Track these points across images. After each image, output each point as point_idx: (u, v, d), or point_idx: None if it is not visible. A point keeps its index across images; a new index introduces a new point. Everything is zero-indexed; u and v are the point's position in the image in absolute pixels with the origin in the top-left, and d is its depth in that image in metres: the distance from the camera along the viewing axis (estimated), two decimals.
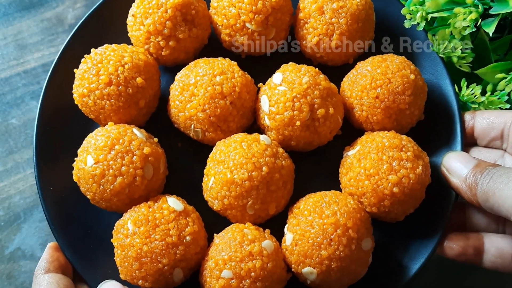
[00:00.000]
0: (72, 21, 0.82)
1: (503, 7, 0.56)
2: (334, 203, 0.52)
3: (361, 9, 0.58)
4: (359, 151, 0.54)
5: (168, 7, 0.57)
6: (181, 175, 0.59)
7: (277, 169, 0.53)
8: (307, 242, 0.50)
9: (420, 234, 0.56)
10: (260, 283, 0.49)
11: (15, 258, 0.68)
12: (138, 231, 0.51)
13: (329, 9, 0.57)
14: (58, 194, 0.57)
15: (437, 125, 0.59)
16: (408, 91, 0.55)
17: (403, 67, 0.56)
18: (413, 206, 0.54)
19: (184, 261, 0.51)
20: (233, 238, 0.51)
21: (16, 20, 0.82)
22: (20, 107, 0.76)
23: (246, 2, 0.57)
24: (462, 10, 0.55)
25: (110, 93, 0.55)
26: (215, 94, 0.54)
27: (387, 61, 0.56)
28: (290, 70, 0.56)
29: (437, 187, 0.56)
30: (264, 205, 0.53)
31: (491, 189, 0.48)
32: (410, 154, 0.53)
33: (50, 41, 0.80)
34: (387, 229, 0.56)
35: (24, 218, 0.70)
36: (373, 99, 0.55)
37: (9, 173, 0.73)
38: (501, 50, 0.62)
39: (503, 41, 0.61)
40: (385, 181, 0.52)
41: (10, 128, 0.75)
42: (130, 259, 0.51)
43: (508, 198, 0.47)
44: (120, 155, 0.52)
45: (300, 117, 0.54)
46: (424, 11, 0.57)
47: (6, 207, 0.71)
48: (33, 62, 0.79)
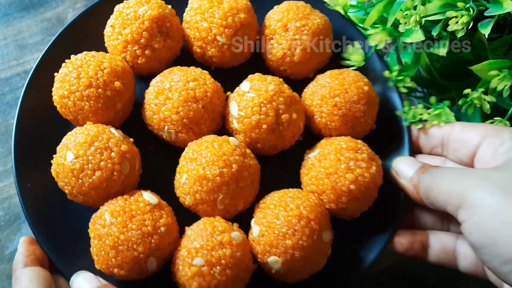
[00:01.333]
0: None
1: (497, 9, 0.56)
2: (298, 198, 0.57)
3: (321, 28, 0.64)
4: (319, 153, 0.60)
5: (145, 19, 0.62)
6: (153, 175, 0.63)
7: (246, 167, 0.57)
8: (273, 232, 0.55)
9: (373, 231, 0.61)
10: (229, 270, 0.53)
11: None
12: (116, 221, 0.54)
13: (293, 27, 0.64)
14: (36, 190, 0.60)
15: (387, 134, 0.65)
16: (363, 100, 0.61)
17: (357, 79, 0.62)
18: (367, 204, 0.60)
19: (159, 251, 0.55)
20: (205, 229, 0.55)
21: (16, 20, 0.84)
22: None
23: (217, 17, 0.63)
24: (454, 13, 0.57)
25: (90, 94, 0.59)
26: (189, 98, 0.59)
27: (343, 74, 0.63)
28: (257, 79, 0.62)
29: (388, 188, 0.62)
30: (233, 200, 0.57)
31: (430, 186, 0.55)
32: (365, 155, 0.59)
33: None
34: (344, 226, 0.62)
35: (24, 218, 0.69)
36: (332, 107, 0.61)
37: (9, 173, 0.74)
38: (501, 50, 0.63)
39: (503, 41, 0.63)
40: (343, 179, 0.57)
41: (10, 128, 0.76)
42: (107, 248, 0.54)
43: (442, 192, 0.53)
44: (99, 151, 0.56)
45: (267, 121, 0.59)
46: (418, 15, 0.59)
47: (6, 207, 0.72)
48: (33, 62, 0.75)
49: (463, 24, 0.56)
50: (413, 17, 0.58)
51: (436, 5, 0.59)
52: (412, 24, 0.59)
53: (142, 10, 0.62)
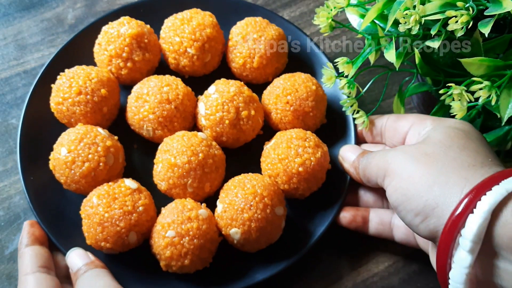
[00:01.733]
0: (72, 21, 0.86)
1: (497, 8, 0.56)
2: (254, 180, 0.67)
3: (275, 38, 0.76)
4: (274, 143, 0.71)
5: (126, 37, 0.73)
6: (136, 168, 0.74)
7: (211, 156, 0.68)
8: (233, 208, 0.65)
9: (323, 208, 0.71)
10: (196, 240, 0.64)
11: (15, 258, 0.71)
12: (101, 203, 0.65)
13: (251, 38, 0.75)
14: (37, 182, 0.71)
15: (336, 127, 0.76)
16: (311, 98, 0.72)
17: (307, 80, 0.73)
18: (316, 185, 0.70)
19: (138, 226, 0.65)
20: (176, 208, 0.66)
21: (16, 20, 0.85)
22: (20, 107, 0.79)
23: (187, 32, 0.74)
24: (453, 13, 0.57)
25: (80, 100, 0.70)
26: (163, 100, 0.70)
27: (295, 77, 0.74)
28: (221, 83, 0.73)
29: (336, 172, 0.72)
30: (201, 184, 0.68)
31: (365, 166, 0.66)
32: (312, 143, 0.69)
33: (50, 41, 0.84)
34: (297, 204, 0.72)
35: (24, 218, 0.73)
36: (285, 104, 0.72)
37: (9, 173, 0.76)
38: (499, 49, 0.63)
39: (502, 39, 0.61)
40: (293, 163, 0.68)
41: (10, 128, 0.78)
42: (95, 225, 0.64)
43: (373, 168, 0.64)
44: (87, 146, 0.67)
45: (229, 117, 0.70)
46: (417, 15, 0.59)
47: (6, 207, 0.74)
48: (33, 63, 0.82)
49: (462, 24, 0.56)
50: (413, 17, 0.58)
51: (436, 4, 0.59)
52: (412, 24, 0.59)
53: (124, 29, 0.74)
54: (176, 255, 0.63)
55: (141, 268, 0.68)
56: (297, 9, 0.91)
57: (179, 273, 0.66)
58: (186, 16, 0.76)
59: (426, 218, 0.56)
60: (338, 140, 0.76)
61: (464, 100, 0.60)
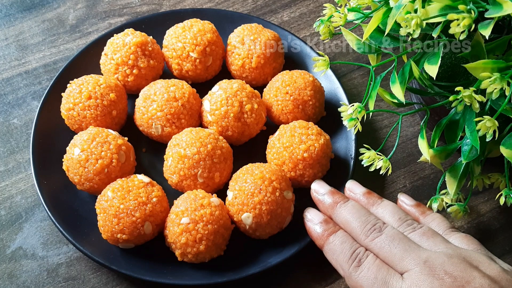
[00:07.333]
0: (73, 21, 0.89)
1: (497, 10, 0.55)
2: (262, 166, 0.70)
3: (270, 39, 0.80)
4: (278, 134, 0.74)
5: (132, 45, 0.78)
6: (145, 170, 0.77)
7: (219, 147, 0.71)
8: (243, 194, 0.68)
9: None
10: (210, 225, 0.66)
11: (16, 258, 0.71)
12: (116, 196, 0.67)
13: (248, 40, 0.80)
14: (50, 186, 0.73)
15: (335, 119, 0.80)
16: (309, 87, 0.76)
17: (304, 74, 0.78)
18: (321, 172, 0.73)
19: (152, 216, 0.67)
20: (189, 197, 0.68)
21: (18, 20, 0.86)
22: (22, 107, 0.80)
23: (189, 38, 0.79)
24: (455, 16, 0.59)
25: (90, 104, 0.73)
26: (170, 98, 0.74)
27: (293, 72, 0.78)
28: (224, 82, 0.77)
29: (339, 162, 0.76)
30: (210, 173, 0.70)
31: None
32: (314, 131, 0.73)
33: (51, 42, 0.86)
34: (304, 194, 0.74)
35: (26, 217, 0.74)
36: (284, 95, 0.76)
37: (10, 173, 0.76)
38: (499, 50, 0.63)
39: (502, 41, 0.62)
40: (298, 149, 0.71)
41: (11, 128, 0.79)
42: (110, 217, 0.66)
43: None
44: (100, 144, 0.70)
45: (233, 111, 0.73)
46: (419, 18, 0.60)
47: (7, 206, 0.74)
48: (35, 63, 0.84)
49: (464, 27, 0.55)
50: (414, 20, 0.57)
51: (437, 7, 0.58)
52: (413, 27, 0.57)
53: (129, 39, 0.78)
54: (192, 241, 0.65)
55: (157, 261, 0.70)
56: (296, 10, 0.96)
57: (195, 262, 0.67)
58: (187, 24, 0.81)
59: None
60: (336, 132, 0.80)
61: (475, 102, 0.59)
